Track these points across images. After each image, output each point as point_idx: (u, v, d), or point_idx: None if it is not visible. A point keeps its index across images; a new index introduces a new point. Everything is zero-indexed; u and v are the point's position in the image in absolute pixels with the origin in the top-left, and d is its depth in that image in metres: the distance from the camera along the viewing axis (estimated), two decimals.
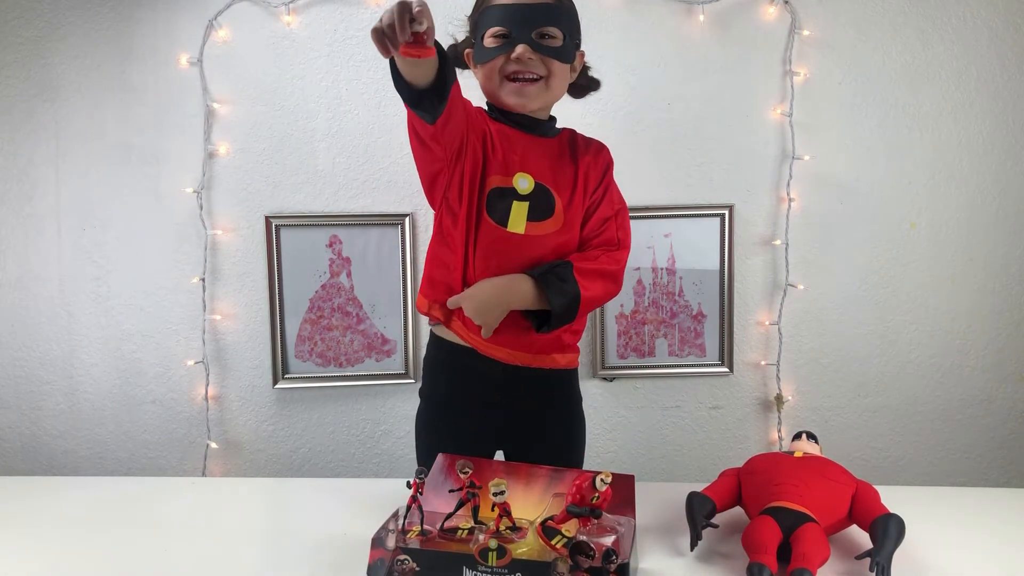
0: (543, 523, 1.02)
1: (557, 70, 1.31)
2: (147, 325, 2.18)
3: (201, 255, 2.15)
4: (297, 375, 2.19)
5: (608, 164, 1.43)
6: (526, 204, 1.31)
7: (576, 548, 0.93)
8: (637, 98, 2.00)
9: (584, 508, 1.02)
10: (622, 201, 1.44)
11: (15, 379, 2.20)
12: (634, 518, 1.09)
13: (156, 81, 2.11)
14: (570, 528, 1.02)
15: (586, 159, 1.39)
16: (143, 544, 1.13)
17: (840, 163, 2.16)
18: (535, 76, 1.30)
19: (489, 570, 0.95)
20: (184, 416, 2.21)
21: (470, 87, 1.31)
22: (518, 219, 1.31)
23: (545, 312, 1.30)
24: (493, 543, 0.95)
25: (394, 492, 1.28)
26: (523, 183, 1.32)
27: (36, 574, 1.05)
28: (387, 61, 1.10)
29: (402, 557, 0.95)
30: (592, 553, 0.92)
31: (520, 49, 1.26)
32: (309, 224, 2.15)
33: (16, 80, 2.11)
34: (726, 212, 2.16)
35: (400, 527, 1.00)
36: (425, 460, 1.40)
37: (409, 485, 1.05)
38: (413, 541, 0.98)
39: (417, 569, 0.95)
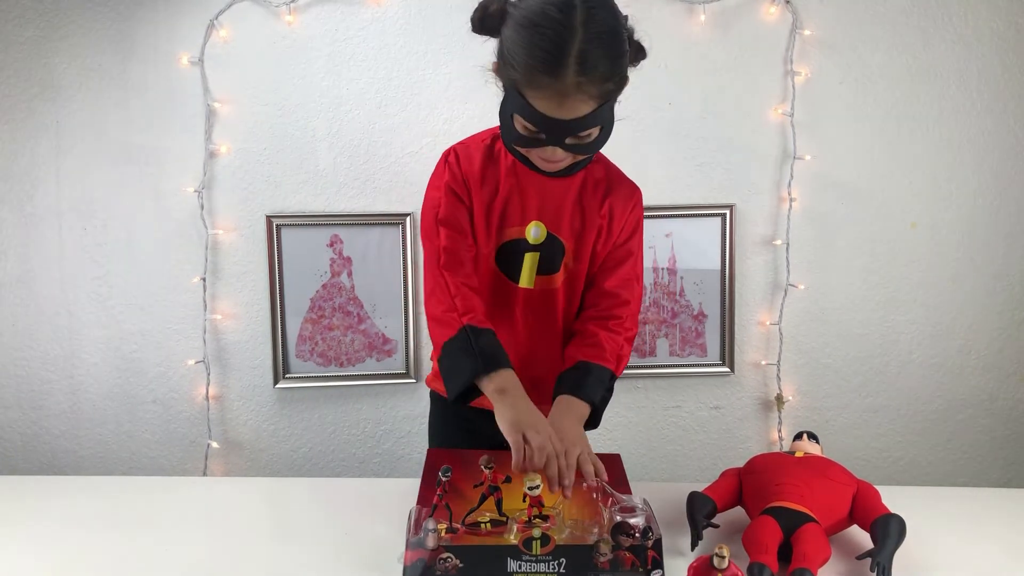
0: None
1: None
2: (148, 325, 2.18)
3: (202, 254, 2.15)
4: (298, 375, 2.19)
5: (636, 218, 1.33)
6: (536, 255, 1.27)
7: (618, 528, 0.95)
8: (638, 98, 1.99)
9: None
10: (640, 263, 1.35)
11: (16, 378, 2.20)
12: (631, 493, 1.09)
13: (157, 80, 2.12)
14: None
15: (609, 203, 1.29)
16: (143, 543, 1.13)
17: (841, 163, 2.16)
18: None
19: (533, 559, 0.95)
20: (185, 416, 2.21)
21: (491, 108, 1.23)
22: (529, 273, 1.28)
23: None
24: (537, 532, 0.96)
25: (395, 491, 1.28)
26: (535, 232, 1.26)
27: (37, 573, 1.05)
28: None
29: (445, 555, 0.95)
30: (633, 532, 0.95)
31: (550, 151, 1.15)
32: (310, 224, 2.15)
33: (17, 80, 2.11)
34: (727, 212, 2.16)
35: (434, 527, 1.00)
36: (433, 438, 1.48)
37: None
38: (445, 539, 0.98)
39: (461, 565, 0.95)
